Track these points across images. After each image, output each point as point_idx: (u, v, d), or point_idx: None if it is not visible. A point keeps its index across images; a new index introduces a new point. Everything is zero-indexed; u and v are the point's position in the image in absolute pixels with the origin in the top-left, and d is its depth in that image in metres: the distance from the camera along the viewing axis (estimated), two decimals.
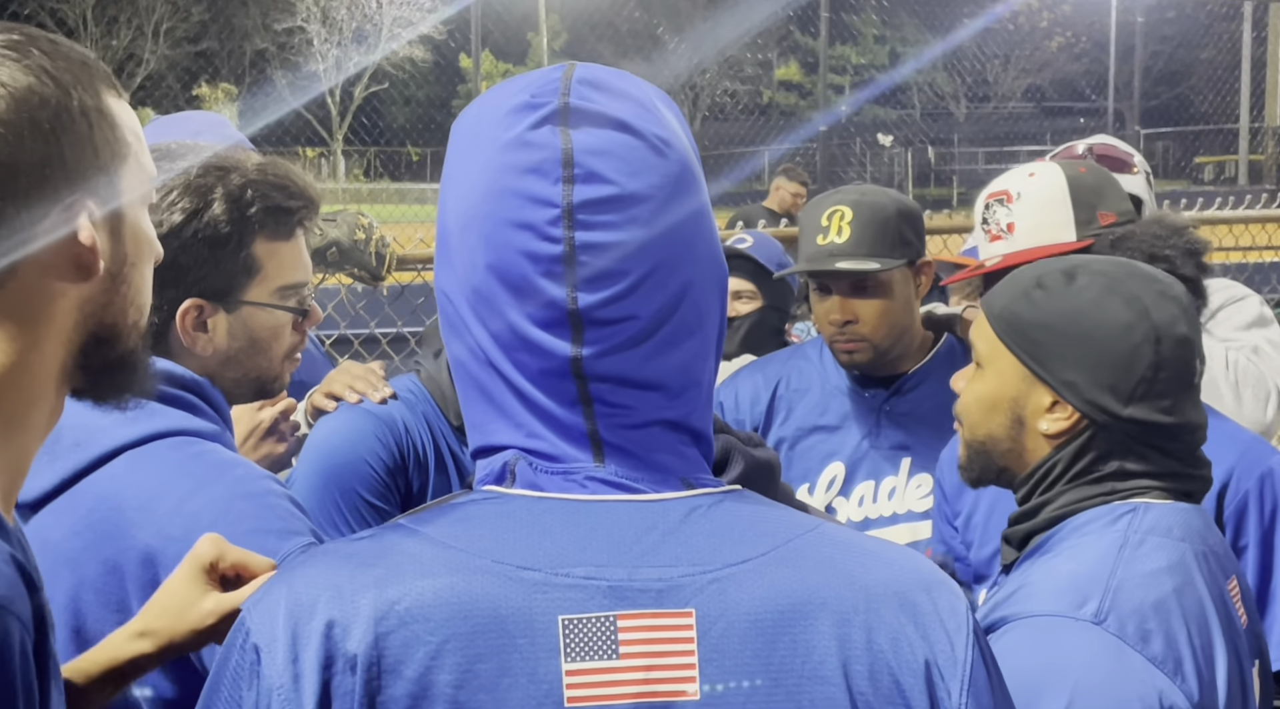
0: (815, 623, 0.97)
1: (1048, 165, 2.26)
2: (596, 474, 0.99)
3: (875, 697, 0.96)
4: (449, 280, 1.03)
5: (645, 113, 1.02)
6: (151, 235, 1.14)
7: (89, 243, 1.04)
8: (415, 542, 0.98)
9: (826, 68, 13.54)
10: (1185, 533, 1.55)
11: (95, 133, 1.05)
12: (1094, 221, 2.17)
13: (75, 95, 1.04)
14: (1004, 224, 2.23)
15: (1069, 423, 1.58)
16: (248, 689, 0.94)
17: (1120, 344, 1.55)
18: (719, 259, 1.04)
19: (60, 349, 1.06)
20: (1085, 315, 1.57)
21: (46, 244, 1.02)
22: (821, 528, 1.03)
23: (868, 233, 2.40)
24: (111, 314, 1.09)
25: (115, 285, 1.08)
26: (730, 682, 0.95)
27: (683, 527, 0.99)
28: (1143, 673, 1.42)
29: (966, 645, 1.00)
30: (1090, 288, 1.59)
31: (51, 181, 1.02)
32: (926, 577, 1.03)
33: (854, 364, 2.49)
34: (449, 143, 1.06)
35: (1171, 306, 1.58)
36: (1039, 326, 1.59)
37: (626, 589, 0.96)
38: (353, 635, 0.93)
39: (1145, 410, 1.55)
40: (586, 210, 0.97)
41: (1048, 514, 1.59)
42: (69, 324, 1.06)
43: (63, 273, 1.04)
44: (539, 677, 0.93)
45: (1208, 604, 1.51)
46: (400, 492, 2.03)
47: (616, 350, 0.98)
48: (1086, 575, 1.49)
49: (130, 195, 1.09)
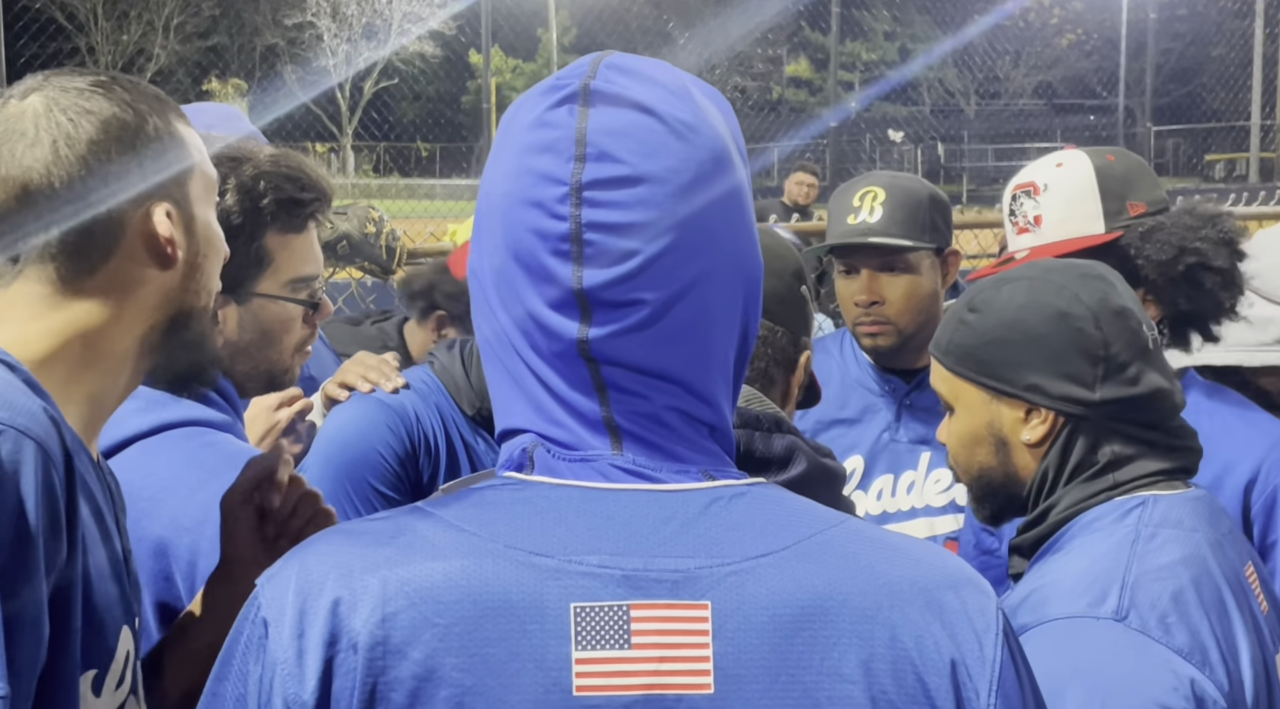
0: (836, 619, 0.94)
1: (1076, 154, 2.22)
2: (616, 462, 0.98)
3: (899, 696, 0.94)
4: (479, 262, 1.03)
5: (672, 98, 1.00)
6: (219, 233, 1.37)
7: (167, 235, 1.28)
8: (429, 524, 0.96)
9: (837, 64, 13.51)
10: (1196, 522, 1.54)
11: (167, 149, 1.30)
12: (1123, 212, 2.11)
13: (150, 121, 1.30)
14: (1031, 216, 2.19)
15: (1047, 426, 1.58)
16: (254, 662, 0.93)
17: (1064, 334, 1.56)
18: (748, 256, 1.02)
19: (141, 324, 1.29)
20: (1021, 319, 1.58)
21: (135, 238, 1.27)
22: (847, 523, 1.01)
23: (899, 214, 2.41)
24: (187, 300, 1.32)
25: (190, 274, 1.32)
26: (745, 677, 0.93)
27: (702, 518, 0.97)
28: (1172, 665, 1.40)
29: (995, 645, 0.97)
30: (1017, 293, 1.60)
31: (133, 187, 1.27)
32: (954, 574, 1.00)
33: (876, 348, 2.47)
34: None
35: (1096, 284, 1.59)
36: (984, 346, 1.60)
37: (641, 579, 0.94)
38: (359, 614, 0.91)
39: (1114, 388, 1.55)
40: (595, 188, 0.96)
41: (1054, 517, 1.58)
42: (150, 305, 1.29)
43: (148, 262, 1.28)
44: (548, 664, 0.91)
45: (1226, 593, 1.50)
46: (411, 481, 2.02)
47: (624, 334, 0.96)
48: (1101, 573, 1.47)
49: (199, 199, 1.34)
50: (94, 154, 1.25)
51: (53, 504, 1.11)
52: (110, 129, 1.27)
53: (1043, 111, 32.13)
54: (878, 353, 2.50)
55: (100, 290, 1.26)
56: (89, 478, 1.21)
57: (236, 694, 0.94)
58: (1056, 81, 32.25)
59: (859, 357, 2.57)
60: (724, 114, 1.04)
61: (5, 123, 1.26)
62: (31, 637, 1.07)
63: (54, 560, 1.11)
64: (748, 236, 1.02)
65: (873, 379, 2.54)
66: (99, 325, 1.26)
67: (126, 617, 1.25)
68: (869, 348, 2.49)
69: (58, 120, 1.26)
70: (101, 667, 1.19)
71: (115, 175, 1.26)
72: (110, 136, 1.26)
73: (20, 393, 1.14)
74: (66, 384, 1.24)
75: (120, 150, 1.27)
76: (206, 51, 28.08)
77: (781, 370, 1.55)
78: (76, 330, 1.25)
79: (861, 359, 2.57)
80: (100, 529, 1.22)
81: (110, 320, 1.27)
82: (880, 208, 2.41)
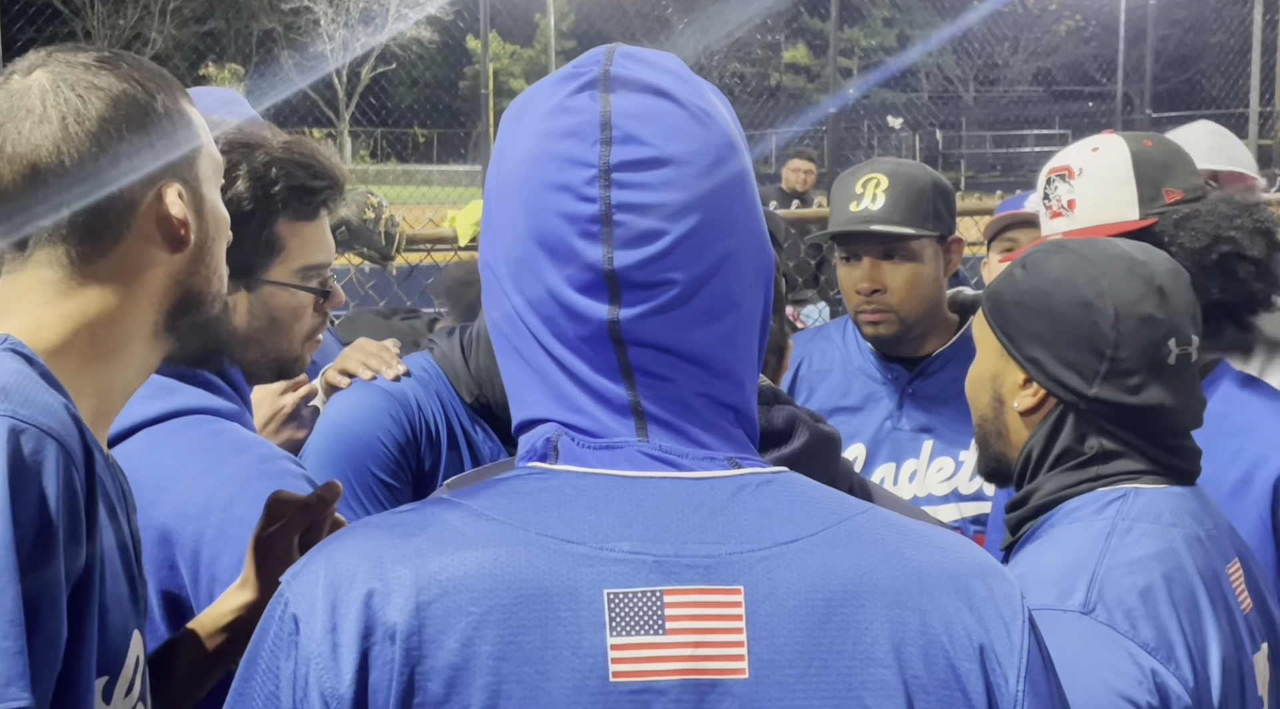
0: (867, 604, 0.95)
1: (1113, 139, 2.18)
2: (643, 449, 0.98)
3: (930, 680, 0.94)
4: (492, 252, 1.03)
5: (686, 86, 1.02)
6: (226, 216, 1.34)
7: (180, 216, 1.25)
8: (458, 514, 0.96)
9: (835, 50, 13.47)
10: (1176, 518, 1.53)
11: (177, 128, 1.27)
12: (1159, 199, 2.07)
13: (159, 98, 1.26)
14: (1065, 201, 2.15)
15: (1036, 400, 1.58)
16: (285, 659, 0.92)
17: (1079, 322, 1.55)
18: (763, 240, 1.03)
19: (152, 309, 1.26)
20: (1049, 293, 1.58)
21: (146, 219, 1.24)
22: (873, 511, 1.01)
23: (903, 201, 2.40)
24: (197, 282, 1.29)
25: (200, 257, 1.29)
26: (779, 661, 0.93)
27: (730, 505, 0.97)
28: (1136, 658, 1.40)
29: (1022, 632, 0.98)
30: (1060, 266, 1.59)
31: (145, 166, 1.24)
32: (981, 562, 1.02)
33: (877, 336, 2.47)
34: (500, 125, 1.06)
35: (1138, 284, 1.56)
36: (1012, 304, 1.61)
37: (674, 564, 0.94)
38: (393, 605, 0.91)
39: (1111, 391, 1.54)
40: (623, 170, 0.96)
41: (1035, 501, 1.59)
42: (161, 289, 1.26)
43: (160, 244, 1.25)
44: (584, 650, 0.91)
45: (1199, 590, 1.49)
46: (412, 470, 2.01)
47: (654, 314, 0.97)
48: (1072, 565, 1.47)
49: (207, 180, 1.31)
50: (104, 131, 1.22)
51: (73, 506, 1.09)
52: (120, 106, 1.23)
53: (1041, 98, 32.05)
54: (879, 341, 2.49)
55: (112, 274, 1.23)
56: (104, 477, 1.19)
57: (267, 692, 0.93)
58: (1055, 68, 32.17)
59: (861, 344, 2.56)
60: (725, 106, 1.06)
61: (10, 99, 1.22)
62: (51, 644, 1.06)
63: (74, 565, 1.10)
64: (760, 220, 1.03)
65: (875, 367, 2.53)
66: (111, 311, 1.23)
67: (136, 620, 1.23)
68: (870, 336, 2.48)
69: (66, 96, 1.22)
70: (112, 673, 1.17)
71: (127, 154, 1.23)
72: (120, 113, 1.23)
73: (41, 389, 1.12)
74: (78, 375, 1.21)
75: (131, 128, 1.23)
76: (203, 36, 27.98)
77: (774, 356, 1.55)
78: (88, 317, 1.22)
79: (864, 347, 2.56)
80: (115, 530, 1.20)
81: (122, 306, 1.24)
82: (883, 195, 2.40)
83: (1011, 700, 0.96)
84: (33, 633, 1.04)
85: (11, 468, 1.05)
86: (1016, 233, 3.39)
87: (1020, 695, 0.96)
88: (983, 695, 0.95)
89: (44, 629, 1.06)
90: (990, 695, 0.96)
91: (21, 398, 1.10)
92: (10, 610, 1.02)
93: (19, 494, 1.05)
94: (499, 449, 2.06)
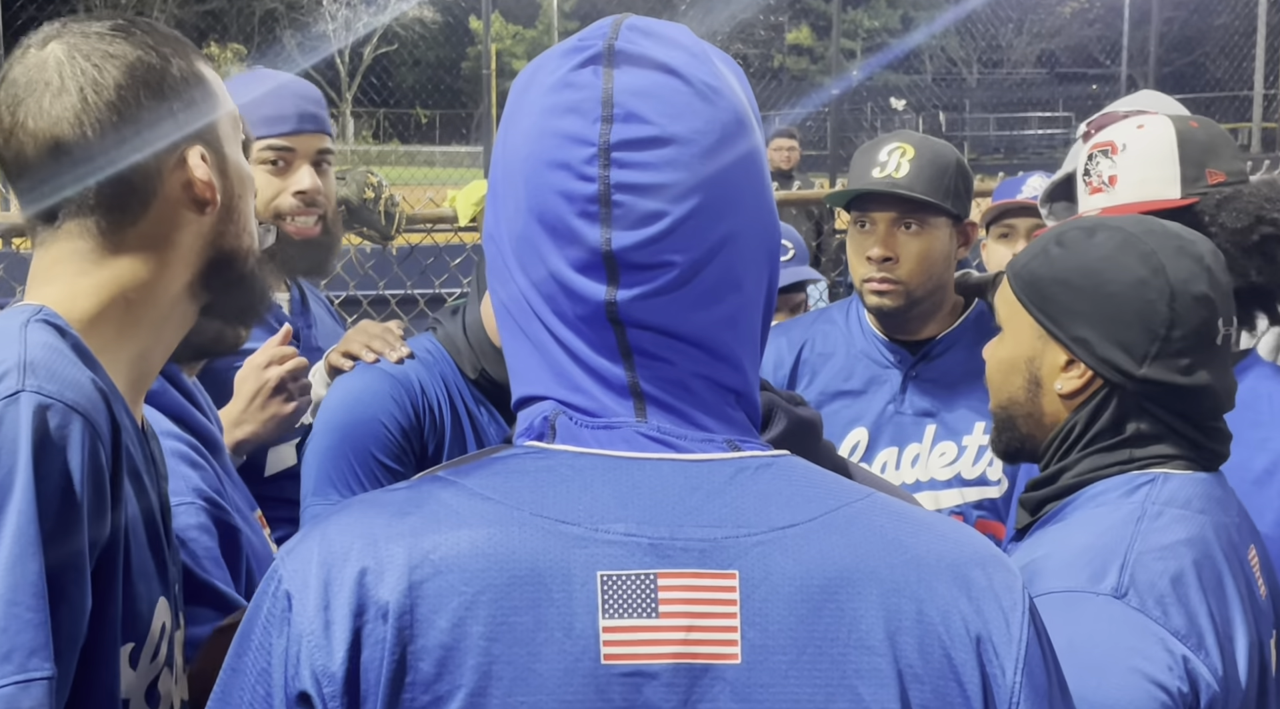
0: (863, 592, 0.94)
1: (1159, 118, 2.16)
2: (641, 429, 0.97)
3: (924, 669, 0.93)
4: (496, 227, 1.01)
5: (694, 60, 0.99)
6: (249, 172, 1.36)
7: (205, 179, 1.27)
8: (452, 492, 0.95)
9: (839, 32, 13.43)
10: (1205, 505, 1.52)
11: (194, 91, 1.28)
12: (1201, 179, 2.04)
13: (175, 62, 1.27)
14: (1106, 176, 2.12)
15: (1082, 381, 1.55)
16: (278, 636, 0.92)
17: (1133, 301, 1.52)
18: (769, 221, 1.01)
19: (186, 271, 1.28)
20: (1098, 271, 1.54)
21: (173, 184, 1.26)
22: (874, 497, 1.00)
23: (927, 171, 2.39)
24: (229, 241, 1.31)
25: (229, 215, 1.31)
26: (772, 647, 0.92)
27: (728, 488, 0.96)
28: (1167, 643, 1.39)
29: (1022, 623, 0.97)
30: (1106, 243, 1.56)
31: (165, 132, 1.25)
32: (982, 552, 1.00)
33: (880, 309, 2.45)
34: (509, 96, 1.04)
35: (1190, 263, 1.54)
36: (1053, 283, 1.57)
37: (668, 547, 0.93)
38: (385, 583, 0.90)
39: (1161, 371, 1.52)
40: (623, 149, 0.94)
41: (1065, 481, 1.57)
42: (194, 250, 1.28)
43: (187, 206, 1.27)
44: (576, 632, 0.91)
45: (1227, 578, 1.48)
46: (416, 453, 2.00)
47: (653, 296, 0.95)
48: (1103, 549, 1.46)
49: (228, 139, 1.32)
50: (123, 99, 1.23)
51: (99, 481, 1.10)
52: (137, 73, 1.24)
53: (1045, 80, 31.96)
54: (882, 314, 2.47)
55: (142, 241, 1.25)
56: (133, 448, 1.20)
57: (259, 669, 0.92)
58: (1059, 50, 32.06)
59: (865, 327, 2.55)
60: (739, 79, 1.03)
61: (28, 73, 1.23)
62: (75, 615, 1.07)
63: (98, 538, 1.10)
64: (768, 199, 1.01)
65: (879, 350, 2.52)
66: (145, 278, 1.25)
67: (164, 588, 1.24)
68: (874, 306, 2.46)
69: (82, 67, 1.22)
70: (139, 640, 1.18)
71: (147, 120, 1.24)
72: (138, 80, 1.24)
73: (69, 363, 1.13)
74: (116, 343, 1.23)
75: (149, 94, 1.24)
76: (205, 15, 27.88)
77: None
78: (123, 285, 1.24)
79: (868, 330, 2.55)
80: (141, 501, 1.21)
81: (156, 271, 1.26)
82: (908, 164, 2.39)
83: (1008, 692, 0.95)
84: (56, 604, 1.05)
85: (37, 443, 1.07)
86: (1014, 219, 3.40)
87: (1017, 687, 0.95)
88: (978, 686, 0.94)
89: (69, 600, 1.07)
90: (986, 686, 0.94)
91: (48, 373, 1.11)
92: (34, 583, 1.04)
93: (43, 469, 1.06)
94: (504, 430, 2.04)
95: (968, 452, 2.45)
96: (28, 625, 1.03)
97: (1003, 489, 2.43)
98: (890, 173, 2.40)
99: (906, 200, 2.39)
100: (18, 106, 1.23)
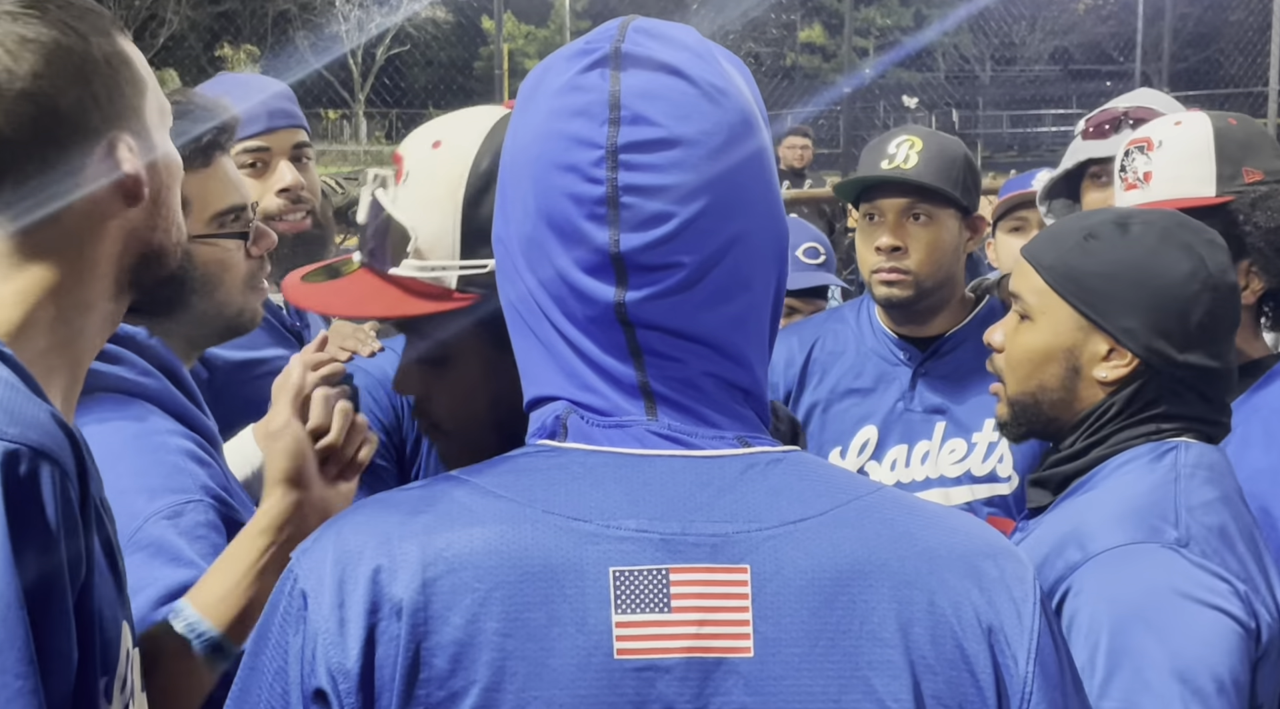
0: (875, 584, 0.95)
1: (1197, 115, 2.16)
2: (651, 428, 0.98)
3: (937, 661, 0.95)
4: (505, 229, 1.03)
5: (700, 62, 1.00)
6: (178, 160, 1.26)
7: (134, 172, 1.17)
8: (465, 491, 0.97)
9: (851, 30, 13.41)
10: (1225, 470, 1.61)
11: (119, 74, 1.17)
12: (1238, 178, 2.05)
13: (95, 42, 1.15)
14: (1141, 172, 2.13)
15: (1128, 369, 1.61)
16: (294, 635, 0.93)
17: (1180, 292, 1.59)
18: (777, 221, 1.02)
19: (111, 268, 1.19)
20: (1144, 264, 1.60)
21: (96, 178, 1.15)
22: (884, 490, 1.02)
23: (935, 163, 2.41)
24: (156, 235, 1.22)
25: (156, 209, 1.21)
26: (785, 640, 0.93)
27: (738, 483, 0.97)
28: (1234, 586, 1.47)
29: (1034, 614, 0.98)
30: (1146, 236, 1.61)
31: (90, 121, 1.15)
32: (993, 543, 1.02)
33: (890, 299, 2.46)
34: (516, 98, 1.06)
35: (1221, 255, 1.62)
36: (1097, 275, 1.61)
37: (680, 543, 0.94)
38: (399, 581, 0.92)
39: (1199, 356, 1.59)
40: (631, 151, 0.96)
41: (1097, 454, 1.62)
42: (118, 247, 1.19)
43: (112, 201, 1.17)
44: (589, 627, 0.92)
45: (1256, 534, 1.58)
46: (396, 447, 2.02)
47: (661, 297, 0.96)
48: (1152, 506, 1.52)
49: (155, 127, 1.22)
50: (40, 90, 1.11)
51: (72, 526, 1.05)
52: (54, 58, 1.12)
53: (1059, 77, 31.84)
54: (891, 305, 2.47)
55: (65, 239, 1.15)
56: (90, 470, 1.12)
57: (275, 667, 0.94)
58: (1073, 47, 31.94)
59: (875, 325, 2.56)
60: (745, 78, 1.04)
61: None
62: (64, 668, 1.04)
63: (76, 583, 1.06)
64: (776, 198, 1.02)
65: (889, 348, 2.53)
66: (69, 278, 1.15)
67: (124, 610, 1.19)
68: (883, 298, 2.46)
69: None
70: (110, 672, 1.13)
71: (67, 111, 1.13)
72: (55, 67, 1.12)
73: (24, 398, 1.05)
74: (47, 352, 1.14)
75: (68, 81, 1.13)
76: (218, 17, 27.94)
77: None
78: (47, 288, 1.14)
79: (878, 328, 2.55)
80: (100, 529, 1.14)
81: (81, 271, 1.16)
82: (917, 156, 2.41)
83: (1020, 682, 0.96)
84: (48, 661, 1.01)
85: (8, 499, 1.00)
86: (1027, 211, 3.40)
87: (1029, 677, 0.96)
88: (990, 676, 0.95)
89: (58, 653, 1.03)
90: (999, 676, 0.96)
91: (7, 415, 1.02)
92: (21, 649, 0.99)
93: (19, 528, 1.00)
94: None
95: (978, 448, 2.45)
96: (20, 694, 0.98)
97: (1013, 486, 2.44)
98: (899, 164, 2.41)
99: (915, 189, 2.41)
100: None
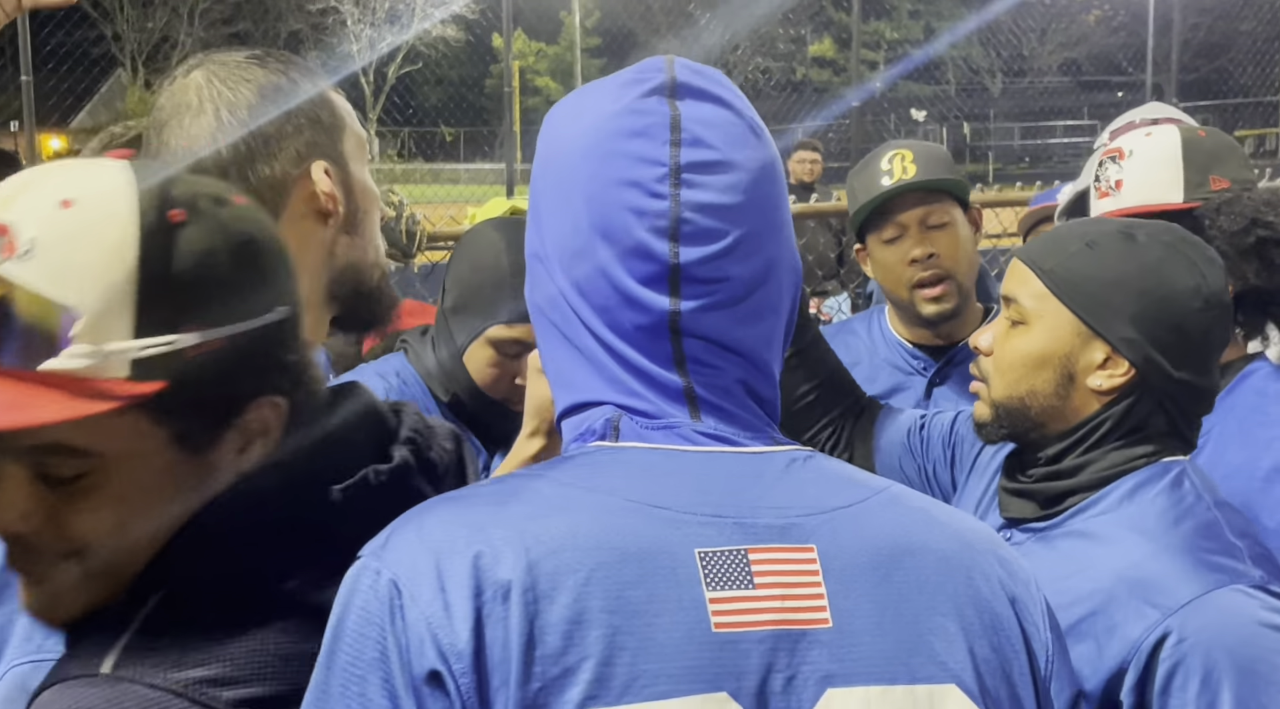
0: (922, 561, 1.04)
1: (1167, 126, 2.21)
2: (698, 428, 1.04)
3: (981, 628, 1.04)
4: (542, 244, 1.08)
5: (740, 100, 1.10)
6: (374, 189, 1.43)
7: (328, 191, 1.34)
8: (544, 484, 1.02)
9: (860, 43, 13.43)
10: (1214, 481, 1.62)
11: (320, 111, 1.37)
12: (1205, 186, 2.08)
13: (302, 86, 1.36)
14: (1113, 181, 2.18)
15: (1124, 379, 1.60)
16: (392, 623, 0.93)
17: (1182, 307, 1.58)
18: (795, 253, 1.11)
19: (314, 282, 1.33)
20: (1149, 275, 1.60)
21: (295, 193, 1.34)
22: (897, 486, 1.11)
23: (932, 165, 2.45)
24: (354, 254, 1.38)
25: (353, 229, 1.38)
26: (856, 611, 1.00)
27: (786, 475, 1.05)
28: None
29: (1039, 587, 1.10)
30: (1152, 248, 1.61)
31: (291, 147, 1.34)
32: (989, 529, 1.15)
33: (940, 314, 2.47)
34: (544, 126, 1.12)
35: (1219, 274, 1.62)
36: (1101, 284, 1.61)
37: (751, 526, 1.00)
38: (504, 564, 0.94)
39: (1192, 374, 1.59)
40: (692, 171, 1.03)
41: (1096, 474, 1.61)
42: (319, 262, 1.35)
43: (312, 219, 1.35)
44: (685, 604, 0.96)
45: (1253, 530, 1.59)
46: None
47: (711, 309, 1.03)
48: (1207, 542, 1.51)
49: (352, 157, 1.40)
50: (255, 118, 1.33)
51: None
52: (267, 94, 1.34)
53: (1069, 89, 31.88)
54: (941, 319, 2.48)
55: None
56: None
57: (369, 658, 0.92)
58: (1083, 58, 31.97)
59: (888, 335, 2.56)
60: None
61: (173, 97, 1.35)
62: None
63: None
64: (794, 242, 1.11)
65: (902, 357, 2.53)
66: None
67: None
68: (934, 314, 2.47)
69: (219, 90, 1.33)
70: None
71: (276, 137, 1.33)
72: (268, 101, 1.34)
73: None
74: None
75: (279, 114, 1.34)
76: (231, 38, 28.10)
77: None
78: None
79: (890, 338, 2.56)
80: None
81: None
82: (913, 165, 2.44)
83: (1044, 645, 1.07)
84: None
85: None
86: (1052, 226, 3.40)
87: (1050, 641, 1.08)
88: (1021, 641, 1.06)
89: None
90: (1028, 642, 1.06)
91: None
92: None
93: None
94: (478, 449, 2.06)
95: None
96: None
97: None
98: (901, 177, 2.43)
99: (933, 192, 2.43)
100: (163, 128, 1.34)
